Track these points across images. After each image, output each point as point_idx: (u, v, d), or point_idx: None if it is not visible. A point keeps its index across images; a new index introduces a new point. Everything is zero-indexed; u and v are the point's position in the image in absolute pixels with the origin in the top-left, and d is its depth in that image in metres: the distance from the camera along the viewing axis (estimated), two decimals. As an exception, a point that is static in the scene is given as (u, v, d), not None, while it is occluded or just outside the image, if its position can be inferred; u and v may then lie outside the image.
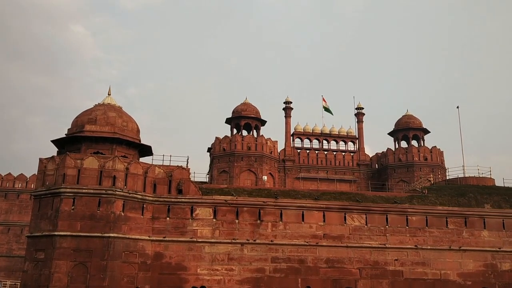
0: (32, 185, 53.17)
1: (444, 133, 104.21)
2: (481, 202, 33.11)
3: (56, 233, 25.73)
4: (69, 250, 25.63)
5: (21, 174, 56.49)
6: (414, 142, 56.35)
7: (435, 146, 54.72)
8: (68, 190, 26.50)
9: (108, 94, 32.45)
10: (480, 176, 39.11)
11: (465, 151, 46.93)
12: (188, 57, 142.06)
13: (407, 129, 56.18)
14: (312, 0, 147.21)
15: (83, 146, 29.12)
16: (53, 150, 31.41)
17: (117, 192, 26.94)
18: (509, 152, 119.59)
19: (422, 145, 55.60)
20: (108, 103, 31.61)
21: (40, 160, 28.51)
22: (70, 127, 30.49)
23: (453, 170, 73.75)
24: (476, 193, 34.01)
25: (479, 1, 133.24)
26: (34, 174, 52.03)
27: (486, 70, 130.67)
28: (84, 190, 26.68)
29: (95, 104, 31.63)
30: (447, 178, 42.02)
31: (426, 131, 56.56)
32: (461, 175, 39.43)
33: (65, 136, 29.94)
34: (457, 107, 48.13)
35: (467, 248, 30.92)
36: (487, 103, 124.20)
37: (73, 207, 26.33)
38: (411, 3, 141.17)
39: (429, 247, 30.58)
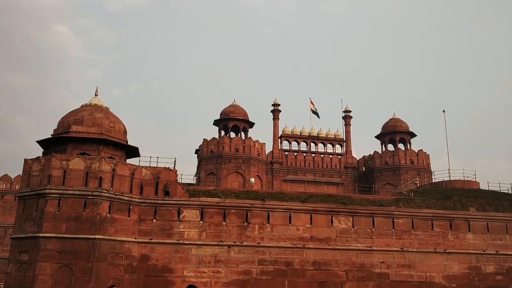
0: (17, 186, 52.43)
1: (430, 136, 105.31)
2: (466, 205, 33.47)
3: (40, 234, 25.42)
4: (54, 252, 25.32)
5: (6, 174, 55.70)
6: (400, 146, 56.76)
7: (422, 150, 55.15)
8: (53, 191, 26.22)
9: (95, 95, 32.16)
10: (465, 179, 39.57)
11: (450, 155, 47.60)
12: (174, 59, 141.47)
13: (394, 133, 56.56)
14: (299, 1, 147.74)
15: (69, 147, 28.81)
16: (38, 151, 31.08)
17: (103, 194, 26.72)
18: (493, 156, 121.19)
19: (409, 148, 56.01)
20: (95, 104, 31.33)
21: (25, 160, 28.15)
22: (55, 127, 30.17)
23: (439, 173, 74.75)
24: (461, 196, 34.39)
25: (466, 4, 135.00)
26: (19, 175, 51.29)
27: (472, 74, 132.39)
28: (69, 191, 26.40)
29: (82, 105, 31.33)
30: (433, 181, 42.49)
31: (413, 135, 56.99)
32: (447, 179, 39.94)
33: (50, 136, 29.63)
34: (443, 111, 48.87)
35: (452, 251, 31.24)
36: (473, 108, 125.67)
37: (58, 209, 26.04)
38: (398, 6, 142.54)
39: (414, 250, 30.82)
